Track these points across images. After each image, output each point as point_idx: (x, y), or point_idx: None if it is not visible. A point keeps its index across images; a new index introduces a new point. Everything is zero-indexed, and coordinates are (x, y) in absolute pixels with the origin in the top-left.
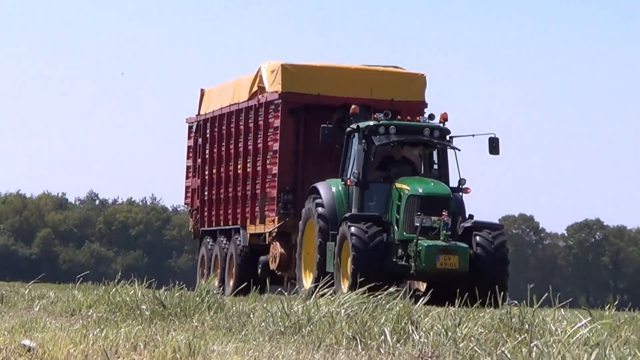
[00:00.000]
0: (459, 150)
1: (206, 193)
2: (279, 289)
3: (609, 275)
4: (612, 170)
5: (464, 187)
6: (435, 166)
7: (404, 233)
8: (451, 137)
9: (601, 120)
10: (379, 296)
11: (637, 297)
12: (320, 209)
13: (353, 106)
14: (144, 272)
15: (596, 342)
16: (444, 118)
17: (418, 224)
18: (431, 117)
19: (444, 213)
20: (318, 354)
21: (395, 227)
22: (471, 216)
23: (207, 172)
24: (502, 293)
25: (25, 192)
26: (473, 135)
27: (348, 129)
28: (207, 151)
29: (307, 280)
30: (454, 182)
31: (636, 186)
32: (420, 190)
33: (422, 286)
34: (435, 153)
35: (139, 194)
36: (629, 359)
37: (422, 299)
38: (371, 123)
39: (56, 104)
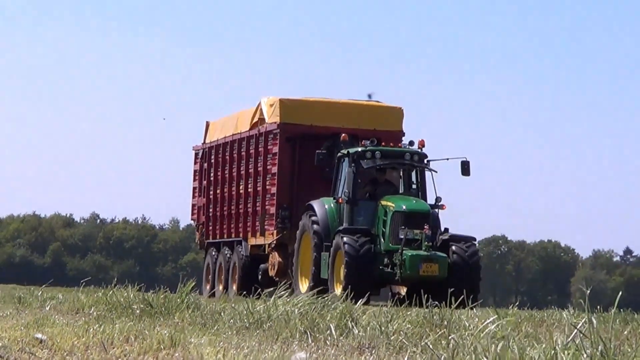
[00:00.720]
0: (436, 172)
1: (211, 210)
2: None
3: (512, 280)
4: (514, 194)
5: (439, 204)
6: (414, 186)
7: (390, 244)
8: (428, 161)
9: (507, 150)
10: (325, 298)
11: (535, 299)
12: (315, 224)
13: (343, 134)
14: (135, 278)
15: (502, 336)
16: (422, 144)
17: (402, 236)
18: (411, 143)
19: (425, 227)
20: (276, 345)
21: (382, 239)
22: (446, 229)
23: (211, 192)
24: (475, 295)
25: (40, 212)
26: (447, 159)
27: (339, 154)
28: (212, 174)
29: (303, 285)
30: (430, 200)
31: (533, 207)
32: (404, 207)
33: (403, 290)
34: (414, 174)
35: (133, 214)
36: (528, 349)
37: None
38: (359, 149)
39: (70, 138)
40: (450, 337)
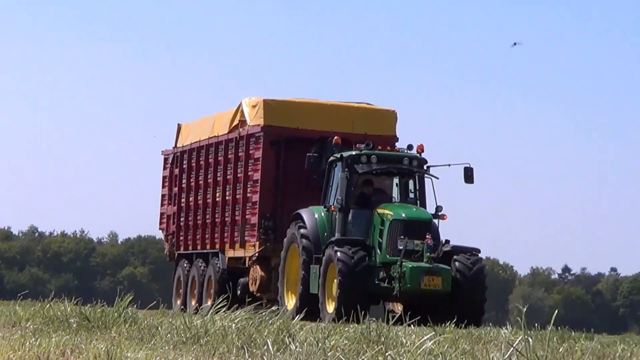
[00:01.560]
0: (437, 178)
1: (182, 219)
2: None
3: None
4: (452, 209)
5: (440, 213)
6: (411, 194)
7: (387, 256)
8: (428, 167)
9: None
10: (263, 313)
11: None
12: (304, 235)
13: (336, 137)
14: (73, 291)
15: (439, 352)
16: (421, 149)
17: (402, 247)
18: (409, 147)
19: (427, 236)
20: None
21: (378, 251)
22: (447, 241)
23: (183, 200)
24: (479, 316)
25: None
26: (449, 165)
27: (331, 158)
28: (185, 180)
29: (290, 302)
30: (429, 210)
31: (471, 224)
32: (404, 215)
33: (398, 307)
34: (411, 181)
35: (71, 228)
36: None
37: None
38: (354, 152)
39: (8, 148)
40: (387, 354)
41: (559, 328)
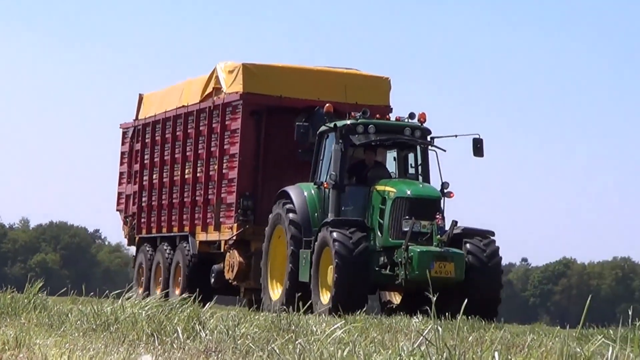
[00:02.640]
0: (444, 151)
1: (145, 199)
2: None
3: None
4: None
5: (447, 190)
6: (412, 169)
7: (390, 239)
8: (432, 138)
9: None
10: (173, 301)
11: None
12: (291, 214)
13: (327, 105)
14: None
15: (348, 341)
16: (423, 118)
17: (408, 229)
18: (411, 116)
19: (437, 216)
20: (122, 347)
21: (378, 233)
22: (455, 222)
23: (146, 178)
24: (494, 306)
25: None
26: (456, 136)
27: (322, 128)
28: (147, 156)
29: (275, 291)
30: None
31: None
32: (409, 192)
33: (395, 298)
34: (412, 155)
35: None
36: (374, 355)
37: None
38: (349, 122)
39: None
40: (297, 342)
41: (469, 317)
